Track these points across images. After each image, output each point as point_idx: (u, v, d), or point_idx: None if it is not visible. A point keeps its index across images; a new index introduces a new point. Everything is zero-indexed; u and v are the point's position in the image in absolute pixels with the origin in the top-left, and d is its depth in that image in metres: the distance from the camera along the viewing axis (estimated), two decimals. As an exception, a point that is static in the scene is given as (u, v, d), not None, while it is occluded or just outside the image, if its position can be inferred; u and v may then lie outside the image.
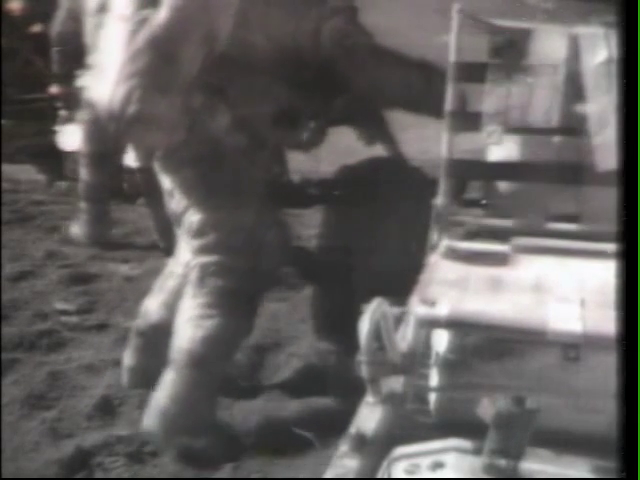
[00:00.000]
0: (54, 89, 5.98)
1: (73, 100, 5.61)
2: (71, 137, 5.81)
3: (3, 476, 2.42)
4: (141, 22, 2.34)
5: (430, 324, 1.52)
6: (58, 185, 6.13)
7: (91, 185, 4.85)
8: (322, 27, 2.46)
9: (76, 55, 4.86)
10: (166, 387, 2.58)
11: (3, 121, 6.30)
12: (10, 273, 4.22)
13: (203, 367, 2.56)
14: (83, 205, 4.90)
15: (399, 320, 1.60)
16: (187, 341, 2.56)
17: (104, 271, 4.37)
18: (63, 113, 5.97)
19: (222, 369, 2.67)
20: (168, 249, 4.74)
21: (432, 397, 1.57)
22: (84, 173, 4.87)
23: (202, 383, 2.57)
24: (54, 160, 6.06)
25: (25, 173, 6.30)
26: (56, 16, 5.01)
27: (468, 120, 2.03)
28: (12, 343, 3.35)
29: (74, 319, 3.70)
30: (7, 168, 6.11)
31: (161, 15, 2.30)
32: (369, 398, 1.57)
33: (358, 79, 2.59)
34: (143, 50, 2.29)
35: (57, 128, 5.96)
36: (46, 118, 6.07)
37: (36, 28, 6.72)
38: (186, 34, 2.31)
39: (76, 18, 4.76)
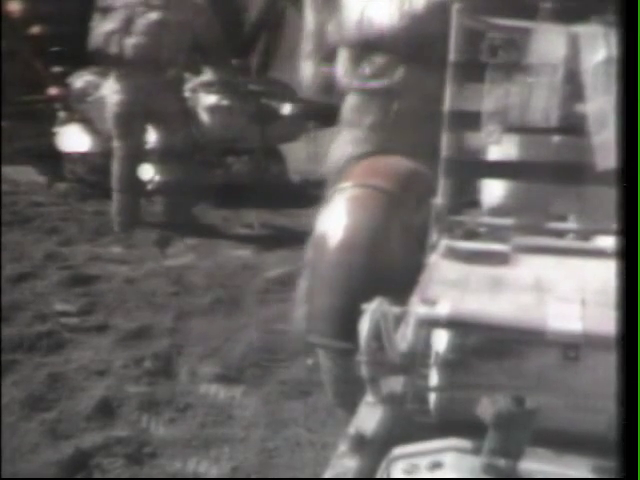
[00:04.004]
0: (53, 91, 6.00)
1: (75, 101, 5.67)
2: (71, 138, 5.83)
3: (2, 476, 2.42)
4: None
5: (430, 324, 1.51)
6: (57, 186, 6.14)
7: (122, 177, 5.16)
8: None
9: None
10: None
11: (3, 122, 6.31)
12: (10, 274, 4.23)
13: None
14: (116, 195, 5.19)
15: (399, 320, 1.60)
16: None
17: (104, 272, 4.38)
18: (62, 114, 5.99)
19: None
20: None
21: (432, 397, 1.57)
22: (115, 167, 5.17)
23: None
24: (53, 161, 6.07)
25: (24, 174, 6.32)
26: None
27: (467, 120, 2.03)
28: (12, 344, 3.35)
29: (74, 320, 3.71)
30: (6, 169, 6.13)
31: None
32: (368, 398, 1.56)
33: None
34: None
35: (56, 129, 5.97)
36: (45, 119, 6.08)
37: (35, 30, 6.74)
38: None
39: None
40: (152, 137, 5.26)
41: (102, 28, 4.97)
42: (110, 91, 5.09)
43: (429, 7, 2.72)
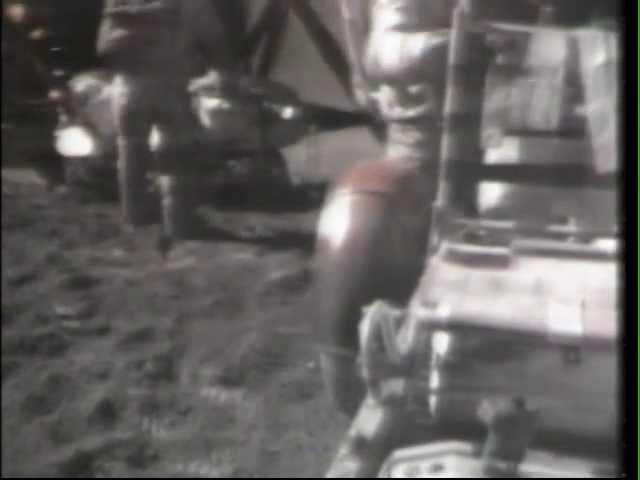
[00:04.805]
0: (55, 94, 6.01)
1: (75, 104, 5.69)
2: (72, 142, 5.84)
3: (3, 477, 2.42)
4: None
5: (431, 326, 1.51)
6: (58, 189, 6.15)
7: (129, 171, 5.21)
8: None
9: None
10: None
11: (4, 125, 6.32)
12: (11, 277, 4.23)
13: None
14: (125, 190, 5.24)
15: (400, 322, 1.60)
16: None
17: (105, 275, 4.38)
18: (64, 118, 5.99)
19: None
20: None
21: (432, 399, 1.57)
22: (121, 163, 5.21)
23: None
24: (55, 164, 6.08)
25: (25, 177, 6.32)
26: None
27: (467, 122, 2.03)
28: (13, 346, 3.35)
29: (75, 323, 3.70)
30: (7, 172, 6.13)
31: None
32: (369, 400, 1.56)
33: None
34: None
35: (57, 132, 5.98)
36: (46, 122, 6.08)
37: (37, 33, 6.75)
38: None
39: None
40: (155, 139, 5.26)
41: (111, 34, 5.00)
42: (116, 92, 5.12)
43: (424, 53, 2.87)
